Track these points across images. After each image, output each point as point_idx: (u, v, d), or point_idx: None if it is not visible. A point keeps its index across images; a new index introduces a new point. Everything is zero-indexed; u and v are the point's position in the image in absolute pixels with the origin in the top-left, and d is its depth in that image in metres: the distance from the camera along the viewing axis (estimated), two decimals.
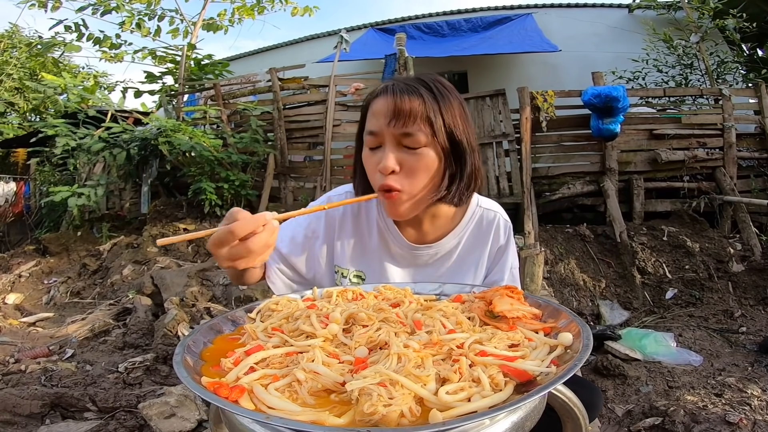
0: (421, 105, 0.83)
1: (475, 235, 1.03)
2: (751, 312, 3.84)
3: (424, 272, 1.04)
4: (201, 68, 6.87)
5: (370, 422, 0.42)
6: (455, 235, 1.01)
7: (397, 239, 1.00)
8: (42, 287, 4.61)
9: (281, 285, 1.02)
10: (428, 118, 0.83)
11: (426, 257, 1.02)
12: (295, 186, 5.83)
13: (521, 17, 7.97)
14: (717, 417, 2.03)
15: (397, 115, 0.82)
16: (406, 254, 1.02)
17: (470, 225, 1.02)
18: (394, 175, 0.84)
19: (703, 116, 5.27)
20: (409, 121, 0.82)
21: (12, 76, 11.36)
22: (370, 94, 0.92)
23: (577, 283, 4.32)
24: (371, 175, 0.90)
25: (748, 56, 7.20)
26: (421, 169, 0.85)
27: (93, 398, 2.01)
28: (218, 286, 3.63)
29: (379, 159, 0.85)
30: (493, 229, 1.03)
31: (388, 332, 0.58)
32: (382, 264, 1.03)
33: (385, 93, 0.86)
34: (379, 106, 0.85)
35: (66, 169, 6.31)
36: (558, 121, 5.22)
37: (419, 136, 0.83)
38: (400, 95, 0.83)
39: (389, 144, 0.84)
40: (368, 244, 1.03)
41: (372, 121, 0.87)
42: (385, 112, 0.84)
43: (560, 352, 0.55)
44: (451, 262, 1.03)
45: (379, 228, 1.02)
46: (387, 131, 0.84)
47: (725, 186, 4.92)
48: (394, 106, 0.83)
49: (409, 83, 0.86)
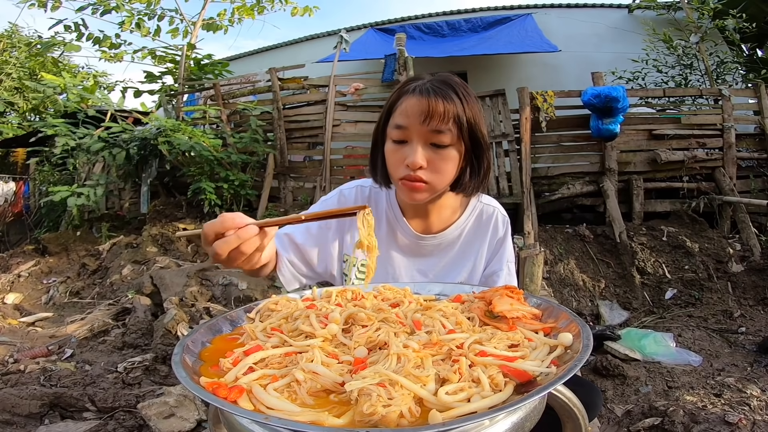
0: (452, 107, 0.89)
1: (476, 228, 1.10)
2: (750, 312, 3.84)
3: (427, 262, 1.10)
4: (201, 68, 6.87)
5: (370, 423, 0.42)
6: (458, 227, 1.09)
7: (405, 229, 1.07)
8: (41, 287, 4.60)
9: (289, 276, 1.06)
10: (457, 120, 0.90)
11: (430, 247, 1.09)
12: (294, 186, 5.83)
13: (521, 17, 7.97)
14: (716, 417, 2.03)
15: (431, 115, 0.88)
16: (411, 244, 1.09)
17: (471, 218, 1.10)
18: (421, 170, 0.91)
19: (702, 116, 5.27)
20: (441, 123, 0.89)
21: (12, 75, 11.35)
22: (397, 89, 0.97)
23: (576, 283, 4.32)
24: (395, 167, 0.95)
25: (748, 57, 7.20)
26: (446, 166, 0.93)
27: (92, 398, 2.01)
28: (218, 286, 3.62)
29: (404, 154, 0.92)
30: (492, 222, 1.10)
31: (388, 332, 0.58)
32: (389, 253, 1.09)
33: (417, 93, 0.91)
34: (411, 104, 0.91)
35: (65, 168, 6.30)
36: (558, 122, 5.22)
37: (447, 136, 0.90)
38: (434, 96, 0.89)
39: (418, 141, 0.91)
40: (376, 234, 1.07)
41: (401, 117, 0.92)
42: (418, 112, 0.89)
43: (560, 353, 0.54)
44: (454, 252, 1.10)
45: (388, 218, 1.10)
46: (417, 129, 0.90)
47: (725, 186, 4.92)
48: (427, 106, 0.88)
49: (439, 85, 0.92)
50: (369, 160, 1.07)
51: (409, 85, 0.95)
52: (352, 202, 1.12)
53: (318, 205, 1.16)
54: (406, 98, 0.93)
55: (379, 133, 1.01)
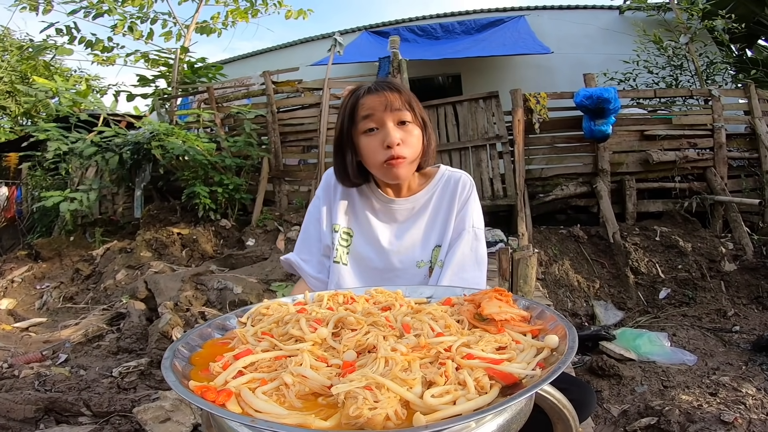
0: (401, 95, 1.08)
1: (444, 191, 1.21)
2: (744, 311, 3.87)
3: (402, 227, 1.20)
4: (194, 71, 6.85)
5: (356, 425, 0.42)
6: (428, 191, 1.20)
7: (379, 195, 1.19)
8: (35, 292, 4.57)
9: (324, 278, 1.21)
10: (409, 103, 1.09)
11: (404, 212, 1.20)
12: (289, 189, 5.82)
13: (514, 20, 8.02)
14: (712, 416, 2.04)
15: (390, 102, 1.06)
16: (384, 208, 1.20)
17: (440, 184, 1.21)
18: (399, 146, 1.06)
19: (693, 117, 5.32)
20: (402, 106, 1.07)
21: (3, 79, 11.27)
22: (349, 98, 1.13)
23: (571, 284, 4.34)
24: (374, 154, 1.09)
25: (738, 57, 7.28)
26: (414, 139, 1.10)
27: (87, 403, 2.00)
28: (212, 290, 3.61)
29: (380, 138, 1.07)
30: (459, 186, 1.20)
31: (377, 336, 0.58)
32: (366, 216, 1.20)
33: (371, 92, 1.09)
34: (371, 99, 1.08)
35: (58, 173, 6.26)
36: (551, 123, 5.26)
37: (408, 114, 1.08)
38: (386, 90, 1.07)
39: (389, 124, 1.06)
40: (354, 203, 1.23)
41: (367, 111, 1.07)
42: (379, 103, 1.06)
43: (546, 355, 0.55)
44: (426, 216, 1.20)
45: (362, 189, 1.23)
46: (384, 115, 1.06)
47: (716, 186, 4.96)
48: (385, 98, 1.06)
49: (384, 83, 1.10)
50: (334, 167, 1.18)
51: (358, 91, 1.12)
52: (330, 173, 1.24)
53: (312, 202, 1.28)
54: (364, 98, 1.09)
55: (344, 137, 1.13)
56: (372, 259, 1.18)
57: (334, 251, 1.19)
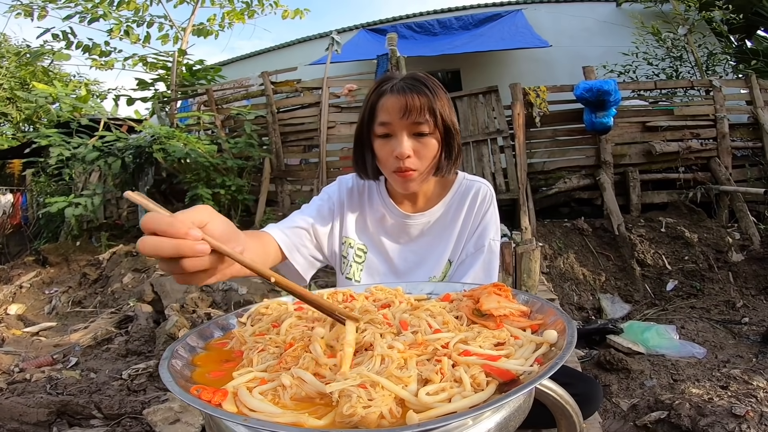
0: (426, 100, 0.99)
1: (461, 204, 1.16)
2: (752, 302, 3.82)
3: (418, 243, 1.16)
4: (193, 74, 6.85)
5: (350, 424, 0.42)
6: (443, 204, 1.16)
7: (393, 210, 1.15)
8: (43, 297, 4.61)
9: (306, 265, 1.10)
10: (431, 111, 1.00)
11: (420, 226, 1.16)
12: (291, 189, 5.83)
13: (511, 14, 7.98)
14: (723, 410, 2.01)
15: (409, 110, 0.98)
16: (399, 224, 1.15)
17: (457, 195, 1.16)
18: (409, 159, 1.00)
19: (695, 108, 5.28)
20: (419, 115, 0.99)
21: (2, 85, 11.31)
22: (374, 91, 1.05)
23: (576, 277, 4.31)
24: (385, 161, 1.04)
25: (737, 47, 7.21)
26: (429, 152, 1.03)
27: (98, 405, 2.02)
28: (218, 292, 3.63)
29: (392, 147, 1.01)
30: (479, 198, 1.16)
31: (374, 333, 0.58)
32: (379, 235, 1.17)
33: (394, 92, 1.01)
34: (391, 102, 1.00)
35: (62, 179, 6.29)
36: (552, 116, 5.23)
37: (426, 126, 1.00)
38: (410, 93, 0.98)
39: (402, 134, 1.00)
40: (368, 219, 1.18)
41: (384, 114, 1.01)
42: (398, 108, 0.99)
43: (545, 350, 0.54)
44: (442, 231, 1.16)
45: (375, 202, 1.18)
46: (399, 123, 1.00)
47: (720, 176, 4.93)
48: (405, 102, 0.98)
49: (411, 82, 1.01)
50: (353, 158, 1.13)
51: (385, 85, 1.04)
52: (350, 187, 1.19)
53: (318, 196, 1.21)
54: (385, 98, 1.02)
55: (363, 132, 1.08)
56: (386, 275, 1.16)
57: (347, 267, 1.15)
